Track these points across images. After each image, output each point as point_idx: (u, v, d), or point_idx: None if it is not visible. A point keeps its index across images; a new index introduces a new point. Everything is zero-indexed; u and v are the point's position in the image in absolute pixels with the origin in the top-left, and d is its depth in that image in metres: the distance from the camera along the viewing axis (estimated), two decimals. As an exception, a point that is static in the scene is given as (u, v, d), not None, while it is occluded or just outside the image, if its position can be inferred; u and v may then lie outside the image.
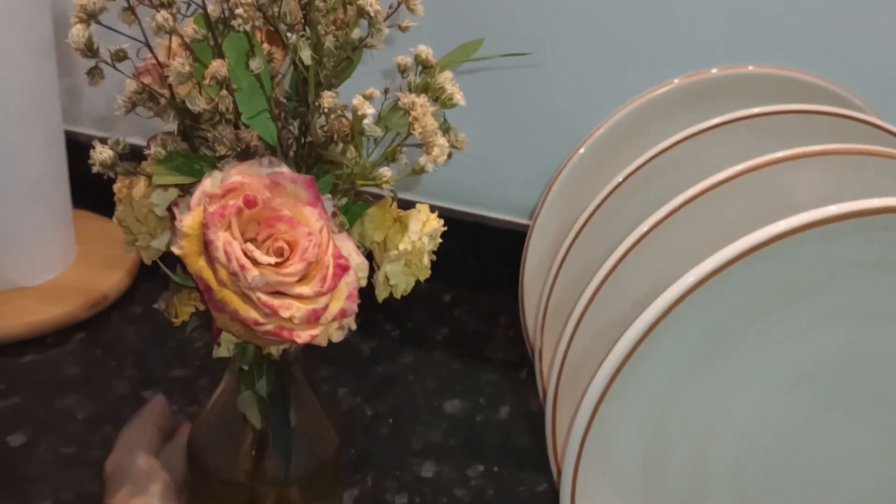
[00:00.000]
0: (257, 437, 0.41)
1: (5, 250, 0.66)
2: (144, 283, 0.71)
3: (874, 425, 0.41)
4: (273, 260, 0.34)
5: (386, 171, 0.37)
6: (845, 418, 0.41)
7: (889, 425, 0.41)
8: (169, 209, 0.36)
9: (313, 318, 0.34)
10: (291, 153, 0.37)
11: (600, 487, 0.40)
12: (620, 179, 0.48)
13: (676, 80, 0.54)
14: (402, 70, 0.38)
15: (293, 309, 0.34)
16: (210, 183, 0.34)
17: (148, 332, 0.68)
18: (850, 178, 0.40)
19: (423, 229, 0.38)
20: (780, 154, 0.41)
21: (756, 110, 0.48)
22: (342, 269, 0.36)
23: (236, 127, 0.35)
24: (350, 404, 0.63)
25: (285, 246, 0.34)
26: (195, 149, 0.36)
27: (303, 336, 0.34)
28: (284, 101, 0.36)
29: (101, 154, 0.35)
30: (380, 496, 0.56)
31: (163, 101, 0.35)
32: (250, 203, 0.34)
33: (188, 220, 0.33)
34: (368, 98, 0.36)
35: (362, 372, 0.66)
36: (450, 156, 0.37)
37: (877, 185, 0.39)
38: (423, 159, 0.37)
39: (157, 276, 0.39)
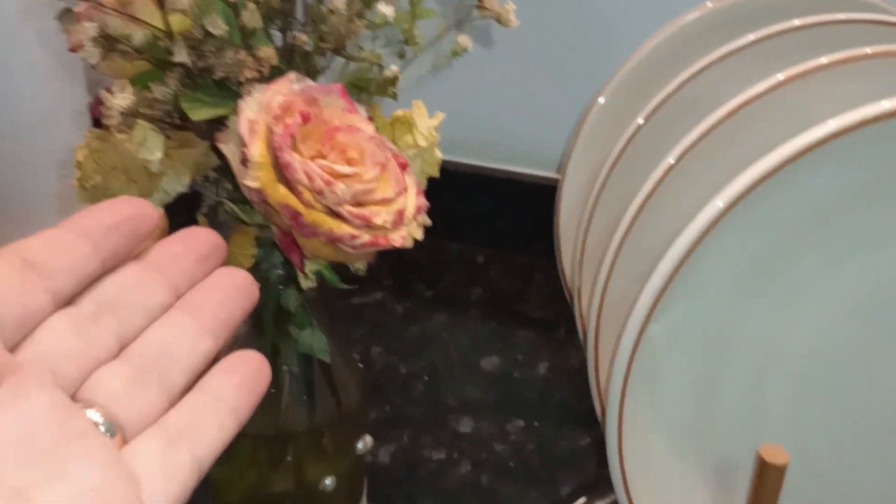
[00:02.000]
0: (278, 385, 0.40)
1: (36, 222, 0.66)
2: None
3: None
4: (351, 170, 0.33)
5: (394, 69, 0.35)
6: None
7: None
8: (214, 149, 0.35)
9: (399, 220, 0.34)
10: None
11: (648, 420, 0.38)
12: (650, 109, 0.45)
13: (708, 4, 0.50)
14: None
15: (383, 214, 0.33)
16: (251, 109, 0.33)
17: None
18: (883, 86, 0.37)
19: (430, 123, 0.37)
20: (801, 68, 0.38)
21: (780, 27, 0.44)
22: (403, 166, 0.35)
23: (246, 49, 0.34)
24: (384, 363, 0.61)
25: (355, 154, 0.33)
26: (194, 83, 0.34)
27: (396, 239, 0.34)
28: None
29: (123, 100, 0.33)
30: (416, 452, 0.54)
31: (137, 39, 0.32)
32: (307, 119, 0.33)
33: (256, 149, 0.32)
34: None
35: (396, 332, 0.65)
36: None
37: None
38: (461, 39, 0.35)
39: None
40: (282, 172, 0.32)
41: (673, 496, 0.39)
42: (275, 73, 0.34)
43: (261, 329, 0.40)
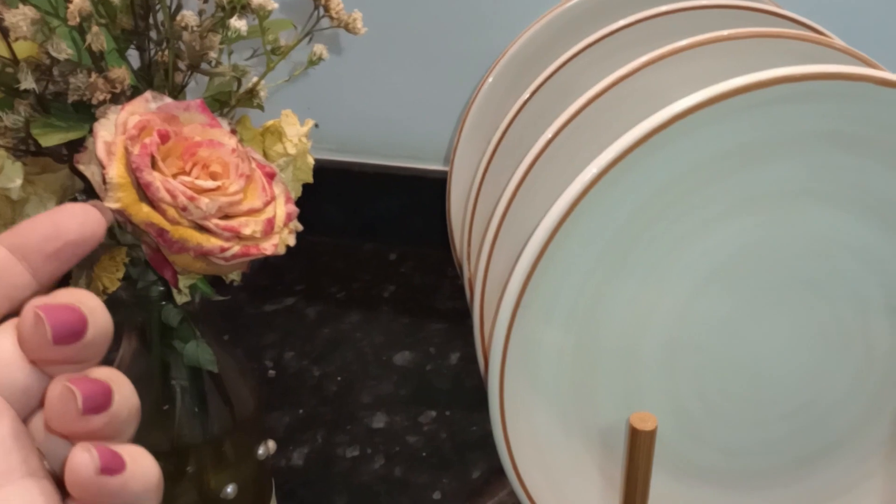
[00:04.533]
0: (170, 400, 0.40)
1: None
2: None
3: (797, 309, 0.40)
4: (215, 184, 0.33)
5: (262, 86, 0.36)
6: (768, 305, 0.40)
7: (816, 314, 0.41)
8: (75, 171, 0.34)
9: (269, 229, 0.35)
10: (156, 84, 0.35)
11: (531, 400, 0.39)
12: (524, 99, 0.46)
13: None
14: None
15: (251, 224, 0.34)
16: (106, 131, 0.33)
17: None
18: (741, 66, 0.39)
19: (299, 131, 0.38)
20: (661, 51, 0.40)
21: (645, 13, 0.46)
22: (270, 175, 0.36)
23: (97, 71, 0.34)
24: (296, 367, 0.62)
25: (218, 168, 0.34)
26: (47, 108, 0.34)
27: (267, 247, 0.35)
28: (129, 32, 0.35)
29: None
30: (331, 451, 0.55)
31: None
32: (165, 137, 0.33)
33: (114, 171, 0.32)
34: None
35: (308, 335, 0.65)
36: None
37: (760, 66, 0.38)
38: (317, 48, 0.36)
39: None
40: (143, 191, 0.32)
41: (560, 466, 0.41)
42: (135, 94, 0.34)
43: (148, 347, 0.40)
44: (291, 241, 0.36)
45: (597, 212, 0.36)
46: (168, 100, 0.35)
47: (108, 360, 0.44)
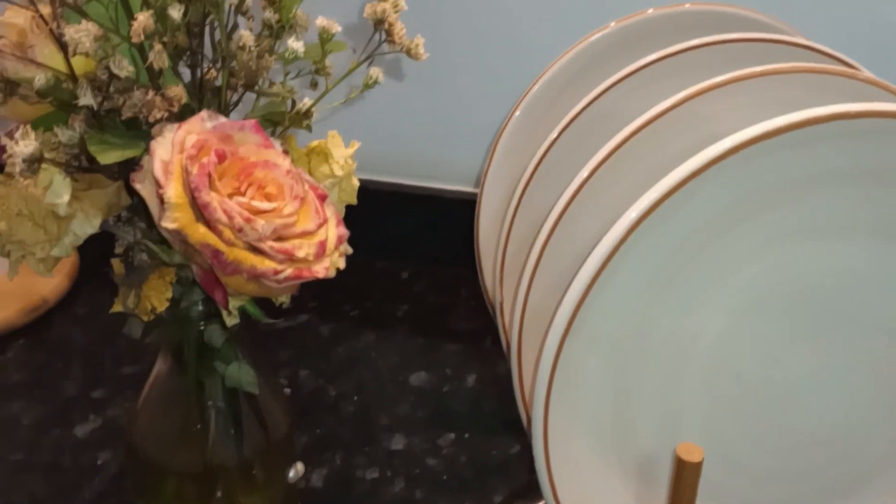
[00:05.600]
0: (203, 420, 0.40)
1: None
2: (86, 284, 0.69)
3: (834, 340, 0.40)
4: (270, 205, 0.33)
5: (307, 102, 0.36)
6: (806, 335, 0.40)
7: (853, 345, 0.41)
8: (127, 188, 0.34)
9: (321, 251, 0.35)
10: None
11: (572, 426, 0.39)
12: (563, 126, 0.47)
13: (612, 24, 0.53)
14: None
15: (305, 247, 0.34)
16: (164, 149, 0.32)
17: (94, 332, 0.65)
18: (776, 99, 0.39)
19: (346, 152, 0.38)
20: (704, 84, 0.41)
21: (681, 46, 0.47)
22: (322, 197, 0.36)
23: (154, 88, 0.33)
24: (312, 386, 0.61)
25: (273, 189, 0.34)
26: (101, 125, 0.34)
27: (319, 270, 0.34)
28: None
29: (27, 147, 0.31)
30: (350, 473, 0.54)
31: (39, 82, 0.31)
32: (222, 157, 0.33)
33: (172, 190, 0.31)
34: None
35: (323, 354, 0.65)
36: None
37: (805, 102, 0.39)
38: (373, 71, 0.36)
39: (99, 275, 0.37)
40: (200, 212, 0.32)
41: (597, 494, 0.41)
42: (185, 112, 0.34)
43: (183, 366, 0.40)
44: (342, 265, 0.36)
45: (646, 243, 0.36)
46: (223, 119, 0.34)
47: (142, 379, 0.43)
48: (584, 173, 0.41)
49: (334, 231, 0.36)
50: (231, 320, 0.36)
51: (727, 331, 0.40)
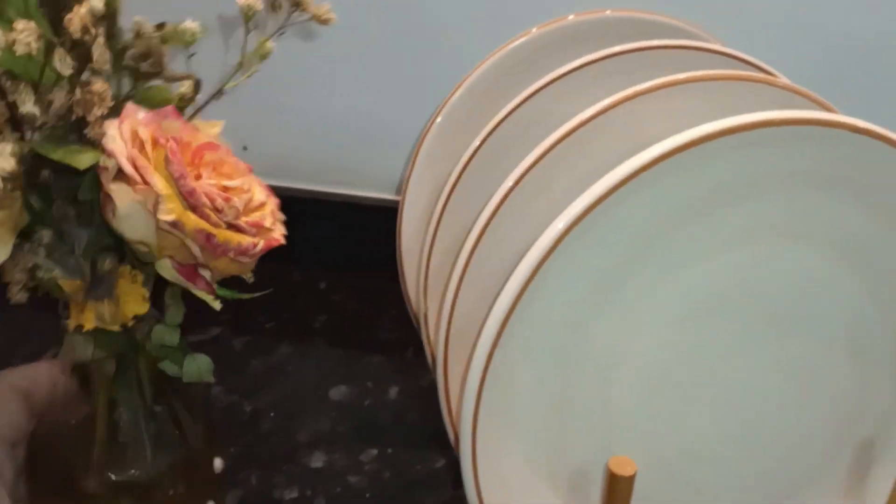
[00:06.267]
0: (113, 435, 0.37)
1: None
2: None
3: (769, 347, 0.41)
4: (235, 183, 0.34)
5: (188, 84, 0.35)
6: (741, 342, 0.40)
7: (782, 346, 0.41)
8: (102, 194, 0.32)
9: (275, 218, 0.37)
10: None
11: (502, 441, 0.38)
12: (486, 133, 0.46)
13: (534, 30, 0.52)
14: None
15: (267, 217, 0.36)
16: (118, 146, 0.31)
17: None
18: (706, 105, 0.40)
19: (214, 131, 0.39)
20: (630, 91, 0.40)
21: (603, 52, 0.47)
22: (250, 168, 0.37)
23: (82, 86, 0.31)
24: (226, 402, 0.58)
25: (227, 169, 0.35)
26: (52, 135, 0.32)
27: (278, 237, 0.36)
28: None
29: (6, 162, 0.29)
30: (267, 493, 0.51)
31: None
32: (182, 146, 0.33)
33: (159, 183, 0.31)
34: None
35: (237, 368, 0.62)
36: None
37: (745, 108, 0.39)
38: (266, 44, 0.36)
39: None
40: (186, 199, 0.32)
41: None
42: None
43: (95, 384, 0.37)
44: (284, 230, 0.37)
45: (576, 252, 0.36)
46: (145, 110, 0.33)
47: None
48: (510, 182, 0.40)
49: (271, 199, 0.37)
50: (217, 305, 0.37)
51: (662, 339, 0.39)
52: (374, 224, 0.70)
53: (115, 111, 0.31)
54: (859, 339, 0.42)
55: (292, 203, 0.70)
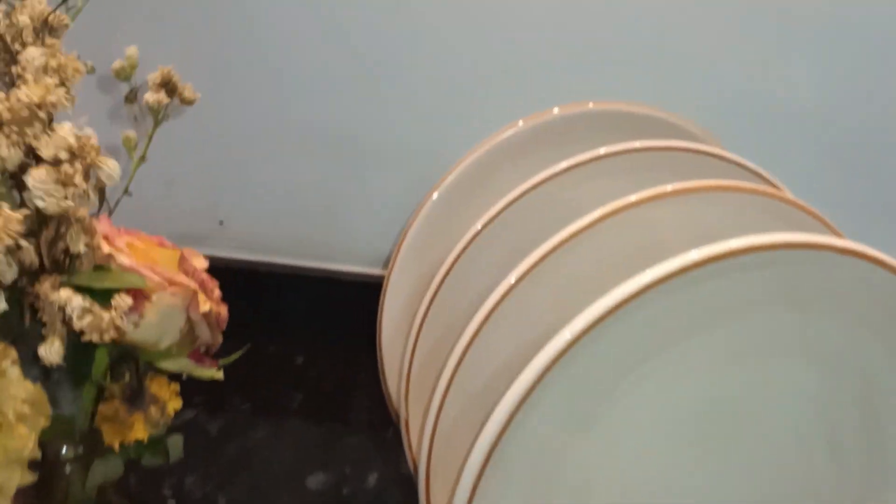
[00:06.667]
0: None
1: None
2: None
3: (751, 456, 0.40)
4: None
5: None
6: (719, 458, 0.40)
7: (764, 453, 0.41)
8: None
9: None
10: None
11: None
12: (477, 229, 0.45)
13: (520, 123, 0.52)
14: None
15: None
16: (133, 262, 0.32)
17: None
18: (709, 213, 0.40)
19: None
20: (634, 197, 0.40)
21: (603, 150, 0.47)
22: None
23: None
24: (199, 494, 0.56)
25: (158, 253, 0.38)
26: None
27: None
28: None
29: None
30: None
31: None
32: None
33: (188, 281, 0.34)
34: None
35: (212, 455, 0.60)
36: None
37: (735, 219, 0.39)
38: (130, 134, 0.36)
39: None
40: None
41: None
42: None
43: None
44: None
45: (561, 379, 0.35)
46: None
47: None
48: (506, 284, 0.39)
49: None
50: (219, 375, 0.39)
51: (640, 453, 0.39)
52: (350, 298, 0.69)
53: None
54: (837, 437, 0.42)
55: (268, 277, 0.70)
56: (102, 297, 0.30)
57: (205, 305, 0.33)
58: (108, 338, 0.28)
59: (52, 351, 0.27)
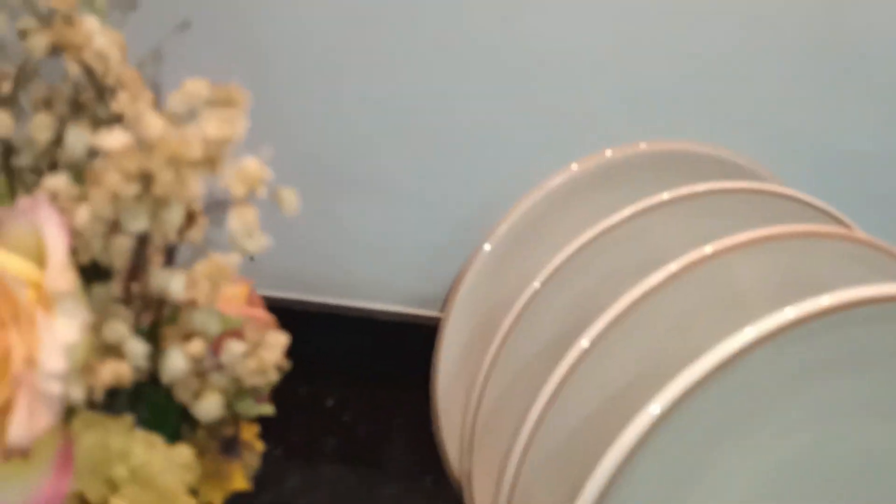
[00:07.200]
0: None
1: None
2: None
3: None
4: None
5: None
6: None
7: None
8: None
9: None
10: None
11: None
12: (536, 288, 0.43)
13: (574, 167, 0.51)
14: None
15: None
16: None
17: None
18: (795, 262, 0.38)
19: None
20: (710, 249, 0.39)
21: (666, 196, 0.46)
22: None
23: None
24: (239, 549, 0.54)
25: None
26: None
27: None
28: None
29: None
30: None
31: None
32: None
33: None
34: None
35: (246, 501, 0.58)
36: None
37: (824, 269, 0.38)
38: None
39: None
40: None
41: None
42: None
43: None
44: None
45: (657, 447, 0.34)
46: None
47: None
48: (585, 342, 0.38)
49: None
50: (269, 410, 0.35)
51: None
52: (388, 337, 0.67)
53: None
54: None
55: (301, 316, 0.68)
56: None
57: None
58: (268, 380, 0.27)
59: (211, 406, 0.25)
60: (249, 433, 0.32)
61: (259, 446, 0.33)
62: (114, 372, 0.22)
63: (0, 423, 0.20)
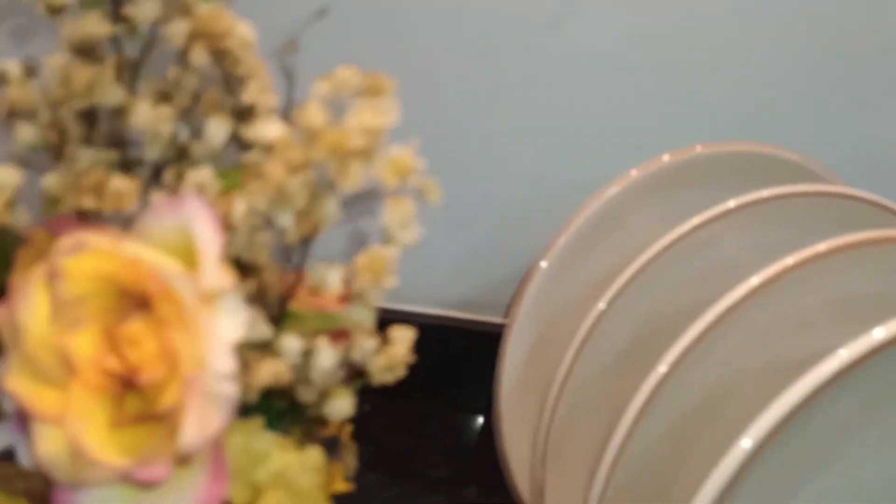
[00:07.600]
0: None
1: None
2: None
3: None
4: None
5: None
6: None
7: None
8: None
9: None
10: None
11: None
12: (602, 309, 0.42)
13: (633, 173, 0.51)
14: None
15: None
16: None
17: None
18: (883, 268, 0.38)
19: None
20: (792, 260, 0.38)
21: (732, 203, 0.45)
22: None
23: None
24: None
25: None
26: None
27: None
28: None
29: None
30: None
31: None
32: None
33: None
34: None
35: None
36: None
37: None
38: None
39: None
40: None
41: None
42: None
43: None
44: None
45: (760, 467, 0.33)
46: None
47: None
48: (673, 354, 0.37)
49: None
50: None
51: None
52: (421, 341, 0.66)
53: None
54: None
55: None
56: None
57: None
58: (396, 376, 0.26)
59: (344, 404, 0.24)
60: (346, 433, 0.31)
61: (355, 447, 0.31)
62: (272, 371, 0.21)
63: (170, 427, 0.19)
